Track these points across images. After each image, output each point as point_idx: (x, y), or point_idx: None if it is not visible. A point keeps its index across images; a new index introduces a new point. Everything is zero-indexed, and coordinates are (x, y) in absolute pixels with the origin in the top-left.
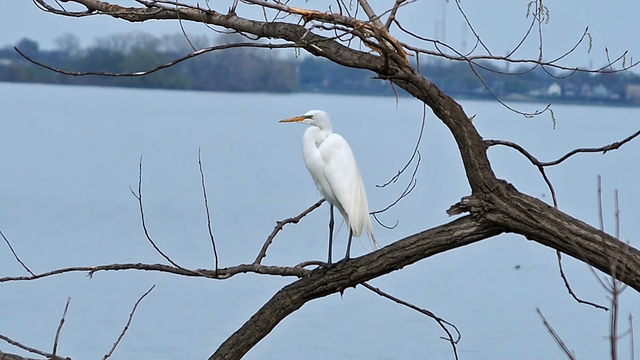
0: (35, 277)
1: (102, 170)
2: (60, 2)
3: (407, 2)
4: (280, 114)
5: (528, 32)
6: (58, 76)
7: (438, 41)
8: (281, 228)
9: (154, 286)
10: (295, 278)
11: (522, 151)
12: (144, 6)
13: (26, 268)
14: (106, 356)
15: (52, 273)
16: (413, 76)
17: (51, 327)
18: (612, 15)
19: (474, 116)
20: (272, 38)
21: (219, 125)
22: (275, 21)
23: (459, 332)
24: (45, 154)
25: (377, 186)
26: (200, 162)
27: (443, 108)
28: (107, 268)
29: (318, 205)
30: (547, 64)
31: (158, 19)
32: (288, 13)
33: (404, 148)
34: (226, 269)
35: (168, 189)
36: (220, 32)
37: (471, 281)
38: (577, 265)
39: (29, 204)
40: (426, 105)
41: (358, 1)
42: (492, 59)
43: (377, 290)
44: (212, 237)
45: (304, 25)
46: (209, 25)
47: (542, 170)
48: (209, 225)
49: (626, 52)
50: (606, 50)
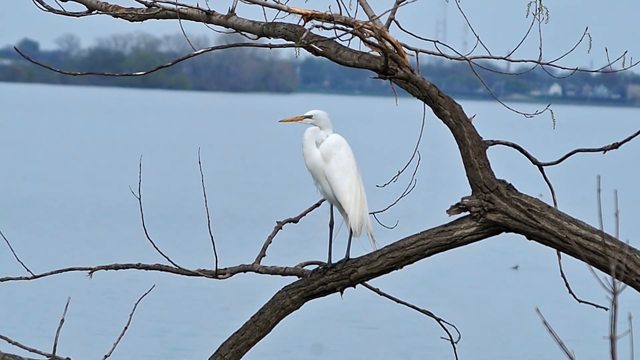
0: (35, 277)
1: (102, 170)
2: (60, 2)
3: (407, 2)
4: (280, 114)
5: (528, 32)
6: (58, 76)
7: (438, 41)
8: (281, 228)
9: (154, 286)
10: (295, 278)
11: (522, 151)
12: (144, 6)
13: (26, 268)
14: (106, 356)
15: (52, 273)
16: (413, 76)
17: (51, 327)
18: (612, 15)
19: (474, 116)
20: (272, 38)
21: (220, 125)
22: (275, 21)
23: (459, 332)
24: (45, 154)
25: (377, 186)
26: (200, 162)
27: (443, 108)
28: (107, 268)
29: (318, 205)
30: (548, 64)
31: (158, 19)
32: (288, 13)
33: (404, 148)
34: (226, 269)
35: (168, 189)
36: (220, 32)
37: (471, 281)
38: (577, 265)
39: (29, 204)
40: (426, 105)
41: (358, 1)
42: (493, 59)
43: (377, 290)
44: (212, 237)
45: (304, 25)
46: (209, 25)
47: (542, 170)
48: (209, 225)
49: (626, 52)
50: (606, 50)
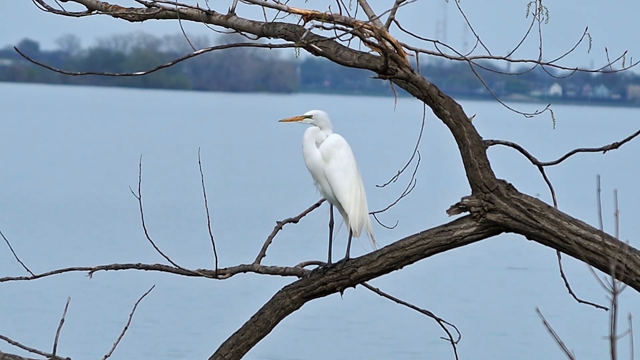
0: (35, 277)
1: (102, 170)
2: (60, 2)
3: (407, 2)
4: (280, 114)
5: (528, 32)
6: (59, 76)
7: (438, 41)
8: (281, 228)
9: (154, 286)
10: (295, 278)
11: (522, 151)
12: (144, 6)
13: (26, 268)
14: (106, 356)
15: (52, 273)
16: (413, 76)
17: (51, 327)
18: (612, 15)
19: (474, 116)
20: (272, 38)
21: (220, 125)
22: (275, 21)
23: (459, 332)
24: (45, 154)
25: (377, 186)
26: (200, 162)
27: (443, 108)
28: (107, 268)
29: (318, 205)
30: (548, 64)
31: (158, 19)
32: (288, 13)
33: (404, 148)
34: (226, 269)
35: (168, 189)
36: (220, 32)
37: (471, 281)
38: (577, 265)
39: (29, 204)
40: (426, 105)
41: (358, 1)
42: (493, 59)
43: (377, 290)
44: (212, 237)
45: (304, 25)
46: (209, 25)
47: (542, 170)
48: (209, 225)
49: (626, 52)
50: (606, 50)
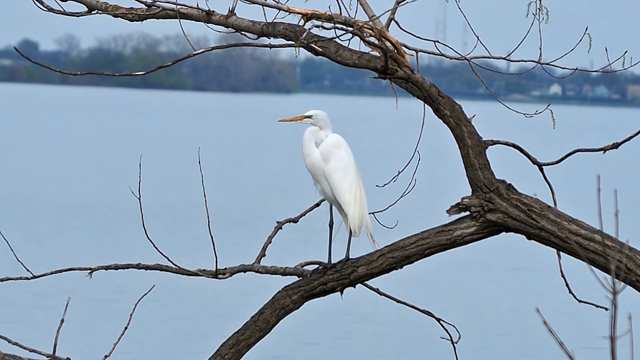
0: (35, 277)
1: (102, 170)
2: (60, 2)
3: (407, 2)
4: (280, 114)
5: (528, 32)
6: (58, 76)
7: (438, 41)
8: (281, 228)
9: (154, 286)
10: (295, 278)
11: (522, 151)
12: (144, 6)
13: (26, 268)
14: (106, 356)
15: (52, 273)
16: (413, 76)
17: (51, 327)
18: (612, 15)
19: (474, 116)
20: (272, 38)
21: (220, 125)
22: (275, 21)
23: (459, 332)
24: (45, 154)
25: (377, 186)
26: (200, 162)
27: (443, 108)
28: (107, 268)
29: (318, 205)
30: (547, 64)
31: (158, 19)
32: (288, 13)
33: (404, 148)
34: (226, 269)
35: (168, 189)
36: (220, 32)
37: (471, 281)
38: (577, 265)
39: (29, 204)
40: (426, 105)
41: (358, 1)
42: (493, 59)
43: (377, 290)
44: (212, 237)
45: (304, 25)
46: (209, 25)
47: (542, 170)
48: (209, 225)
49: (626, 52)
50: (606, 50)
